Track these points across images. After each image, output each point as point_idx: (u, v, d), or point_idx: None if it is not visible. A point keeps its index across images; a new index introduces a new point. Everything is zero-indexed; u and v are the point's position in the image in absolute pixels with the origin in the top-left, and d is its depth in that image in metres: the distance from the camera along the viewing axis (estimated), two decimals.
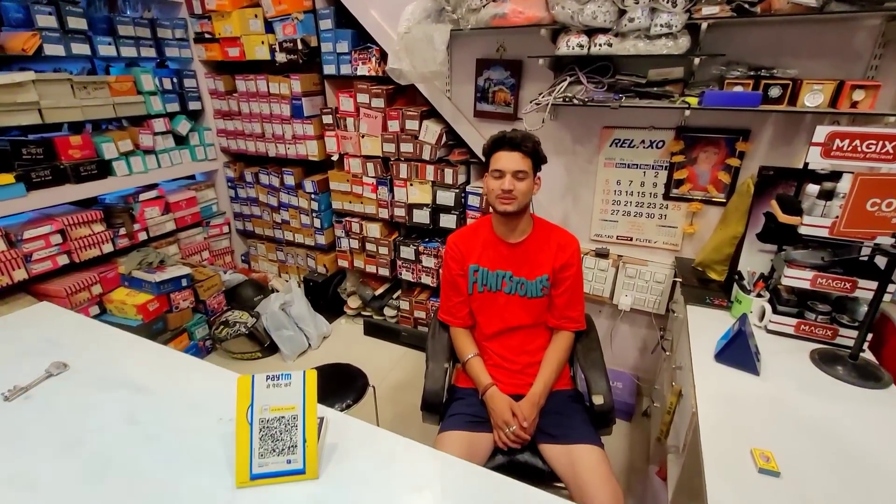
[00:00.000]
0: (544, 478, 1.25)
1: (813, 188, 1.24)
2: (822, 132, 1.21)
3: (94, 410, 1.04)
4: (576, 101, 1.62)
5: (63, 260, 2.12)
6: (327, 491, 0.85)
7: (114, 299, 2.28)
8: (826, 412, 1.04)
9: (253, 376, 0.88)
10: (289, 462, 0.86)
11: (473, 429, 1.27)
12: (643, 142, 1.85)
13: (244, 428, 0.86)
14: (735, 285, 1.46)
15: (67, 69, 2.19)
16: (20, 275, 1.98)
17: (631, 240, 2.02)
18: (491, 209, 1.36)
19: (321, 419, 1.00)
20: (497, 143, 1.29)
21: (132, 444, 0.95)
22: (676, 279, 1.78)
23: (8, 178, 1.91)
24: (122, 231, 2.36)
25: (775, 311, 1.33)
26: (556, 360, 1.37)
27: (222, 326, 2.52)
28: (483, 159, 1.36)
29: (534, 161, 1.30)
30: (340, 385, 1.65)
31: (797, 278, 1.26)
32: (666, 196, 1.88)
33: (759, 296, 1.39)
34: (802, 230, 1.22)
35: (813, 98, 1.36)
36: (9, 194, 1.91)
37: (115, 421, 1.01)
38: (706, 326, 1.38)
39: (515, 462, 1.27)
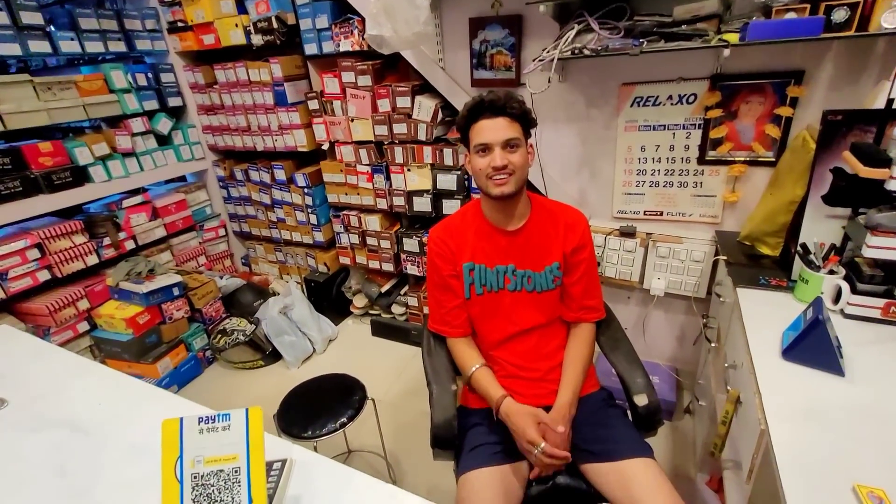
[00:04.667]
0: (587, 500, 1.03)
1: None
2: None
3: (22, 459, 0.87)
4: (587, 52, 1.35)
5: (44, 275, 1.99)
6: None
7: (103, 314, 2.15)
8: None
9: (182, 419, 0.68)
10: None
11: (503, 460, 1.02)
12: (670, 98, 1.57)
13: (172, 487, 0.67)
14: (798, 261, 1.18)
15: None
16: None
17: (661, 214, 1.75)
18: (481, 194, 1.12)
19: (283, 462, 0.80)
20: (475, 111, 1.02)
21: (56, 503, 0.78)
22: (719, 257, 1.51)
23: None
24: (107, 241, 2.21)
25: (855, 291, 1.06)
26: (582, 360, 1.14)
27: (220, 335, 2.37)
28: (461, 142, 1.11)
29: (523, 125, 1.04)
30: (336, 400, 1.45)
31: (885, 248, 0.99)
32: (701, 160, 1.60)
33: (830, 272, 1.11)
34: (891, 185, 0.95)
35: (894, 16, 1.07)
36: None
37: (43, 472, 0.84)
38: (764, 314, 1.13)
39: (553, 488, 1.05)
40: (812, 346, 0.91)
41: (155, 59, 2.48)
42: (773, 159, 1.48)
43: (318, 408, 1.43)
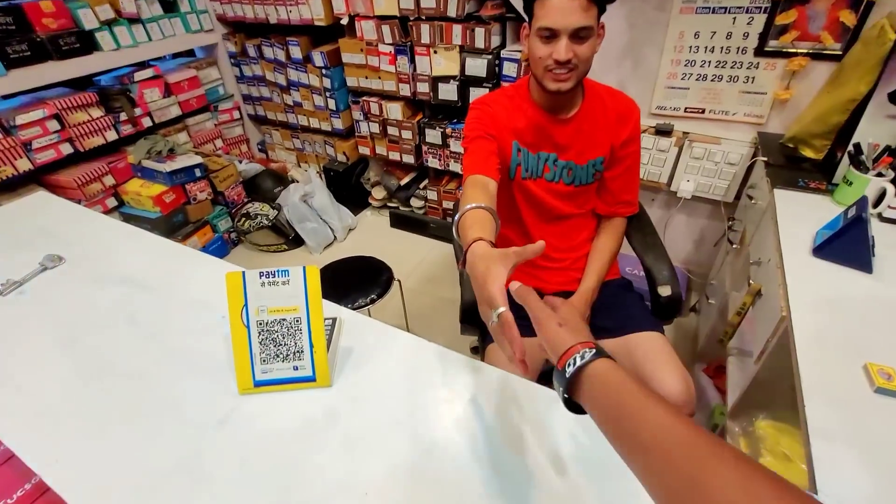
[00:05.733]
0: None
1: None
2: None
3: (92, 307, 0.95)
4: None
5: (67, 149, 1.98)
6: (341, 400, 0.74)
7: (129, 191, 2.18)
8: None
9: (244, 273, 0.73)
10: (296, 369, 0.74)
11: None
12: None
13: (241, 332, 0.73)
14: (846, 161, 1.15)
15: None
16: (24, 164, 1.86)
17: (702, 112, 1.66)
18: (532, 77, 1.01)
19: (334, 320, 0.87)
20: None
21: (131, 343, 0.86)
22: (758, 158, 1.46)
23: None
24: (124, 116, 2.16)
25: None
26: (610, 251, 1.17)
27: (244, 218, 2.43)
28: (522, 11, 0.96)
29: (600, 4, 0.87)
30: (364, 279, 1.53)
31: None
32: (759, 51, 1.47)
33: (879, 175, 1.09)
34: None
35: None
36: None
37: (114, 319, 0.92)
38: (799, 214, 1.13)
39: None
40: (848, 242, 0.92)
41: None
42: (840, 52, 1.36)
43: (349, 285, 1.51)
